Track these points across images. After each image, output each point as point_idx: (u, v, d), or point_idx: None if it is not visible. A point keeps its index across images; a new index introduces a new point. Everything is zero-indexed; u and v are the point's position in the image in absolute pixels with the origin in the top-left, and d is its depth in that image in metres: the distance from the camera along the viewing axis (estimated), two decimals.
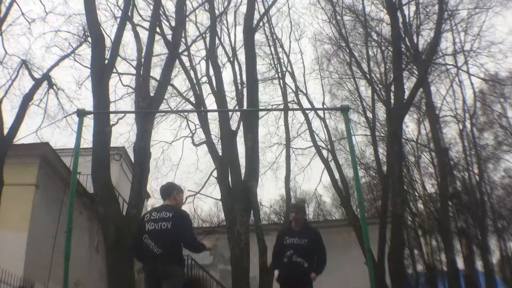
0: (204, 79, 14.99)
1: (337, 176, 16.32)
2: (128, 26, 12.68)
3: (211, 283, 13.42)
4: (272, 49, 17.63)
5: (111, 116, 11.25)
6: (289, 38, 20.03)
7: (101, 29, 11.13)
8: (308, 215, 32.63)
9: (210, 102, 19.68)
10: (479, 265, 20.16)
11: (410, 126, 26.17)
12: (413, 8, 15.71)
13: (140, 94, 10.68)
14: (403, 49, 14.49)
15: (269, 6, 15.18)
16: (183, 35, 14.09)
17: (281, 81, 17.76)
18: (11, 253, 9.60)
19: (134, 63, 14.12)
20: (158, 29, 12.75)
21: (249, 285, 10.00)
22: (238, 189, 10.80)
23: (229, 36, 16.72)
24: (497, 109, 21.15)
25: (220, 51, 15.59)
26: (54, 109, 17.36)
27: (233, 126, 13.28)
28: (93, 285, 13.13)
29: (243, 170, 11.34)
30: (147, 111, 10.05)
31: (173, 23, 12.88)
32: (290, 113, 18.06)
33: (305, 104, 18.13)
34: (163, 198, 4.38)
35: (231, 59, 15.64)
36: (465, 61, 18.27)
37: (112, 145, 11.71)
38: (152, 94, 10.92)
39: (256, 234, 10.75)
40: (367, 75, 16.63)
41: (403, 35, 14.70)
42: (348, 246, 14.85)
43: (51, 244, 11.04)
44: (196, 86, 14.04)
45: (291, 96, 18.02)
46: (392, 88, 13.70)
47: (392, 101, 13.58)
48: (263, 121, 18.88)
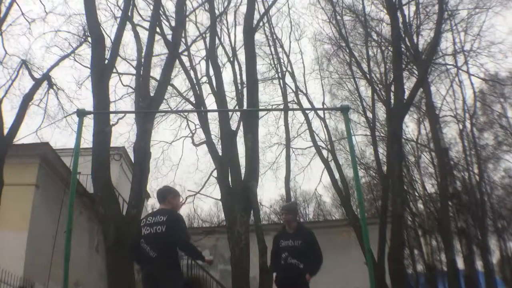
0: (204, 79, 15.01)
1: (337, 176, 16.34)
2: (128, 26, 12.69)
3: (211, 283, 13.42)
4: (272, 49, 17.68)
5: (111, 116, 11.26)
6: (289, 38, 20.17)
7: (101, 29, 11.13)
8: (308, 215, 32.77)
9: (210, 102, 19.73)
10: (479, 265, 20.19)
11: (410, 126, 26.21)
12: (413, 8, 15.73)
13: (140, 94, 10.68)
14: (403, 49, 14.48)
15: (269, 6, 15.18)
16: (183, 35, 14.09)
17: (281, 81, 17.79)
18: (11, 253, 9.59)
19: (134, 63, 14.14)
20: (158, 29, 12.75)
21: (249, 285, 10.00)
22: (238, 189, 10.79)
23: (229, 36, 16.77)
24: (497, 109, 21.20)
25: (220, 51, 15.62)
26: (54, 109, 17.40)
27: (233, 126, 13.28)
28: (93, 285, 13.13)
29: (243, 170, 11.34)
30: (147, 111, 10.05)
31: (173, 23, 12.88)
32: (290, 113, 18.11)
33: (305, 104, 18.16)
34: (159, 202, 4.44)
35: (231, 59, 15.65)
36: (465, 61, 18.30)
37: (112, 145, 11.71)
38: (152, 94, 10.93)
39: (256, 234, 10.74)
40: (367, 75, 16.63)
41: (403, 35, 14.70)
42: (348, 246, 14.85)
43: (51, 244, 11.04)
44: (196, 86, 14.04)
45: (291, 96, 18.05)
46: (392, 88, 13.69)
47: (392, 101, 13.57)
48: (263, 121, 18.92)
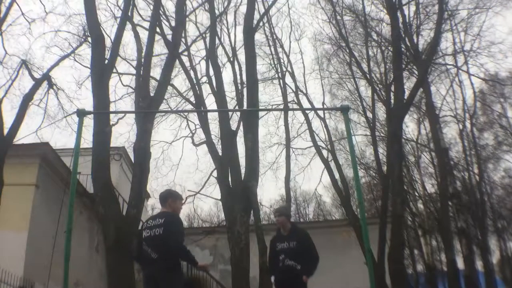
0: (204, 79, 15.01)
1: (337, 176, 16.33)
2: (128, 26, 12.69)
3: (211, 283, 13.40)
4: (272, 49, 17.68)
5: (111, 116, 11.26)
6: (289, 38, 20.16)
7: (101, 29, 11.13)
8: (308, 215, 32.81)
9: (210, 102, 19.72)
10: (479, 265, 20.19)
11: (410, 126, 26.20)
12: (413, 8, 15.72)
13: (140, 94, 10.68)
14: (403, 49, 14.47)
15: (269, 6, 15.18)
16: (183, 35, 14.09)
17: (281, 81, 17.79)
18: (11, 253, 9.59)
19: (134, 63, 14.14)
20: (158, 29, 12.75)
21: (249, 285, 10.00)
22: (238, 189, 10.79)
23: (229, 36, 16.78)
24: (497, 109, 21.20)
25: (220, 51, 15.63)
26: (54, 109, 17.40)
27: (233, 126, 13.29)
28: (93, 285, 13.13)
29: (243, 170, 11.34)
30: (147, 111, 10.05)
31: (173, 23, 12.88)
32: (290, 113, 18.10)
33: (305, 104, 18.16)
34: (161, 205, 4.53)
35: (231, 59, 15.65)
36: (465, 61, 18.28)
37: (112, 145, 11.71)
38: (152, 94, 10.93)
39: (256, 234, 10.74)
40: (367, 75, 16.63)
41: (403, 35, 14.69)
42: (348, 246, 14.85)
43: (51, 244, 11.04)
44: (196, 86, 14.03)
45: (291, 96, 18.05)
46: (392, 88, 13.69)
47: (392, 101, 13.57)
48: (263, 121, 18.92)
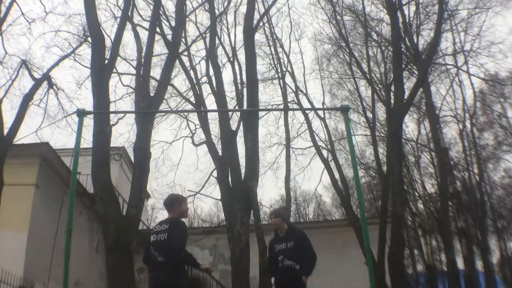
0: (204, 79, 15.00)
1: (337, 176, 16.30)
2: (128, 26, 12.70)
3: (211, 283, 13.41)
4: (272, 49, 17.66)
5: (111, 116, 11.27)
6: (289, 38, 20.13)
7: (101, 29, 11.15)
8: (308, 215, 32.80)
9: (210, 102, 19.71)
10: (479, 265, 20.20)
11: (410, 126, 26.20)
12: (413, 8, 15.68)
13: (140, 94, 10.70)
14: (403, 49, 14.46)
15: (269, 6, 15.16)
16: (183, 35, 14.08)
17: (281, 81, 17.76)
18: (11, 253, 9.58)
19: (134, 63, 14.16)
20: (158, 29, 12.75)
21: (249, 285, 10.00)
22: (238, 189, 10.79)
23: (229, 36, 16.76)
24: (497, 109, 21.20)
25: (220, 51, 15.62)
26: (54, 109, 17.45)
27: (233, 126, 13.28)
28: (93, 285, 13.13)
29: (243, 170, 11.34)
30: (147, 111, 10.06)
31: (173, 23, 12.88)
32: (290, 113, 18.09)
33: (305, 104, 18.13)
34: (167, 211, 4.59)
35: (231, 59, 15.65)
36: (465, 61, 18.25)
37: (112, 145, 11.73)
38: (152, 94, 10.93)
39: (256, 234, 10.73)
40: (367, 75, 16.61)
41: (403, 35, 14.67)
42: (348, 246, 14.82)
43: (51, 244, 11.05)
44: (196, 86, 14.03)
45: (291, 96, 18.02)
46: (392, 88, 13.68)
47: (392, 101, 13.56)
48: (263, 121, 18.91)
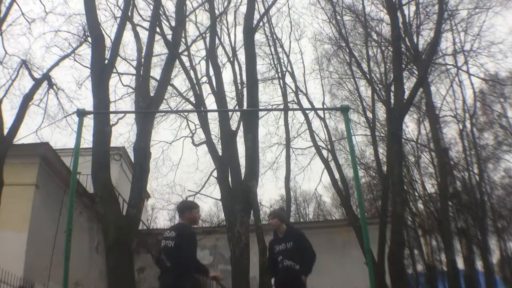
0: (204, 79, 15.01)
1: (337, 176, 16.30)
2: (128, 26, 12.71)
3: (211, 283, 13.40)
4: (272, 49, 17.66)
5: (111, 116, 11.27)
6: (289, 38, 20.13)
7: (101, 29, 11.15)
8: (308, 215, 32.79)
9: (210, 102, 19.76)
10: (479, 265, 20.19)
11: (410, 126, 26.24)
12: (413, 8, 15.66)
13: (140, 94, 10.71)
14: (403, 49, 14.45)
15: (269, 6, 15.17)
16: (183, 35, 14.09)
17: (281, 81, 17.76)
18: (11, 253, 9.58)
19: (134, 63, 14.18)
20: (158, 29, 12.75)
21: (249, 285, 10.01)
22: (238, 189, 10.80)
23: (229, 36, 16.78)
24: (497, 109, 21.20)
25: (220, 51, 15.63)
26: (54, 109, 17.45)
27: (233, 126, 13.29)
28: (93, 285, 13.13)
29: (243, 170, 11.34)
30: (147, 111, 10.07)
31: (173, 23, 12.89)
32: (290, 113, 18.09)
33: (305, 104, 18.14)
34: (178, 217, 4.64)
35: (231, 59, 15.66)
36: (465, 61, 18.22)
37: (112, 145, 11.74)
38: (152, 94, 10.94)
39: (256, 234, 10.75)
40: (367, 75, 16.60)
41: (403, 35, 14.67)
42: (348, 246, 14.83)
43: (51, 244, 11.05)
44: (196, 86, 14.03)
45: (291, 96, 18.02)
46: (392, 88, 13.69)
47: (392, 101, 13.57)
48: (263, 121, 18.90)
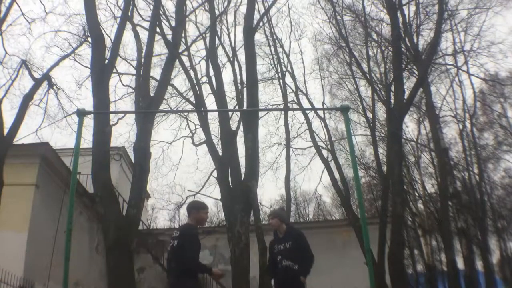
0: (204, 79, 15.02)
1: (337, 176, 16.30)
2: (128, 26, 12.72)
3: (211, 283, 13.41)
4: (272, 49, 17.66)
5: (111, 116, 11.27)
6: (289, 38, 20.10)
7: (101, 29, 11.16)
8: (308, 215, 32.79)
9: (210, 102, 19.73)
10: (479, 265, 20.19)
11: (410, 126, 26.22)
12: (413, 8, 15.66)
13: (140, 94, 10.71)
14: (403, 49, 14.45)
15: (269, 6, 15.17)
16: (183, 35, 14.09)
17: (281, 81, 17.77)
18: (11, 253, 9.58)
19: (134, 63, 14.18)
20: (158, 29, 12.76)
21: (249, 285, 10.01)
22: (238, 189, 10.80)
23: (229, 36, 16.78)
24: (497, 109, 21.19)
25: (220, 51, 15.64)
26: (54, 109, 17.43)
27: (233, 126, 13.29)
28: (93, 285, 13.13)
29: (243, 170, 11.34)
30: (147, 111, 10.07)
31: (173, 23, 12.89)
32: (290, 113, 18.10)
33: (305, 104, 18.14)
34: (187, 216, 4.68)
35: (231, 59, 15.66)
36: (465, 61, 18.22)
37: (112, 145, 11.74)
38: (152, 94, 10.94)
39: (256, 234, 10.75)
40: (367, 75, 16.60)
41: (403, 35, 14.67)
42: (348, 246, 14.84)
43: (51, 244, 11.04)
44: (196, 86, 14.03)
45: (291, 96, 18.03)
46: (392, 88, 13.69)
47: (392, 101, 13.57)
48: (263, 121, 18.90)
